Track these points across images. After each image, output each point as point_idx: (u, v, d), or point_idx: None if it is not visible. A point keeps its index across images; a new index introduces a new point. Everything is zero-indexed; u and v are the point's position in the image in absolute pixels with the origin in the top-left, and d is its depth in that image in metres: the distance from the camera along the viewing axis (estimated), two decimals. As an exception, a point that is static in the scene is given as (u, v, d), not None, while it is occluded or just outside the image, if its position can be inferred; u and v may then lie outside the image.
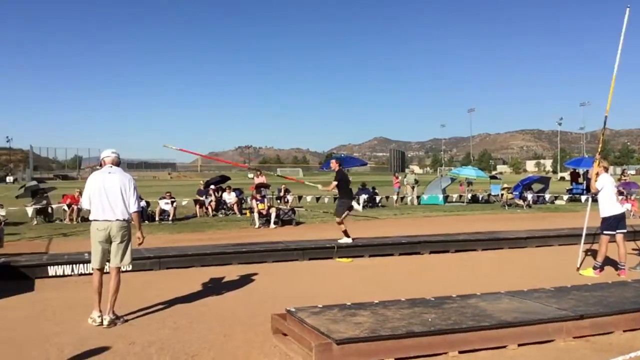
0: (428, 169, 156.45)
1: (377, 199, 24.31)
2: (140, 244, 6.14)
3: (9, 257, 8.92)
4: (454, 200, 27.14)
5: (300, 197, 24.05)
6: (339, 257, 9.83)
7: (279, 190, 23.38)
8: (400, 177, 28.19)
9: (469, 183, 29.02)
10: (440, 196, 25.72)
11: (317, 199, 24.50)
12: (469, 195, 27.26)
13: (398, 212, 21.14)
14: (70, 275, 8.15)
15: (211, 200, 20.08)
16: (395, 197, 25.83)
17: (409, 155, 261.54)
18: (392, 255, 10.24)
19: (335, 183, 10.62)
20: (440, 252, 10.59)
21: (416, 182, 26.58)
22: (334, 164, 11.08)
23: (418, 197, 26.24)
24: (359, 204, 16.63)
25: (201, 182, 23.79)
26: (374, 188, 25.33)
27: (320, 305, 5.34)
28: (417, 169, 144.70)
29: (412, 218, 19.34)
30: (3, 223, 15.53)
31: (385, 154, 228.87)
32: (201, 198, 20.20)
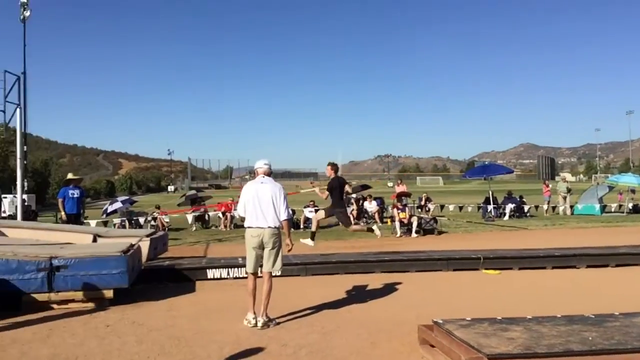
0: (581, 176, 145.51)
1: (525, 208, 23.10)
2: (289, 250, 6.41)
3: (173, 260, 9.79)
4: (612, 210, 24.99)
5: (442, 206, 23.61)
6: (486, 269, 9.48)
7: (420, 199, 23.15)
8: (550, 185, 26.56)
9: (632, 191, 26.50)
10: (597, 206, 23.77)
11: (460, 207, 23.90)
12: (630, 205, 24.93)
13: (549, 223, 19.90)
14: (226, 278, 8.72)
15: (352, 209, 20.38)
16: (545, 206, 24.37)
17: (559, 162, 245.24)
18: (544, 268, 9.66)
19: (327, 193, 10.25)
20: (598, 267, 9.79)
21: (569, 190, 24.85)
22: (329, 171, 10.52)
23: (571, 206, 24.50)
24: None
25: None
26: (521, 197, 24.12)
27: (469, 318, 5.19)
28: (569, 177, 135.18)
29: (565, 229, 18.10)
30: (167, 229, 17.08)
31: (532, 160, 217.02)
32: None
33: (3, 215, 21.48)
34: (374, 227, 10.22)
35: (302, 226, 18.38)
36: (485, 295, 7.72)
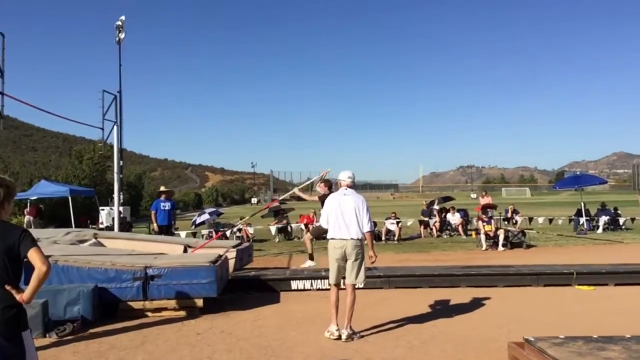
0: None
1: (621, 220, 21.77)
2: (372, 262, 6.39)
3: (258, 271, 10.02)
4: None
5: (530, 219, 22.72)
6: (579, 285, 9.02)
7: (507, 211, 22.39)
8: (648, 196, 24.90)
9: None
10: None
11: (550, 220, 22.90)
12: None
13: (647, 236, 18.65)
14: (310, 290, 8.81)
15: (436, 221, 20.06)
16: (643, 218, 22.85)
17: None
18: (643, 284, 9.06)
19: (307, 195, 9.82)
20: None
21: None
22: (322, 188, 10.09)
23: (673, 219, 22.83)
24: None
25: (424, 202, 23.93)
26: (615, 209, 22.76)
27: (562, 336, 4.96)
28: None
29: (667, 243, 16.89)
30: (251, 240, 17.51)
31: (627, 170, 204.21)
32: (425, 218, 20.31)
33: (101, 226, 22.89)
34: (307, 261, 10.09)
35: (383, 238, 18.27)
36: (578, 312, 7.34)
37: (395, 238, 18.28)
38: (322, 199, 10.19)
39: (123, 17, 14.69)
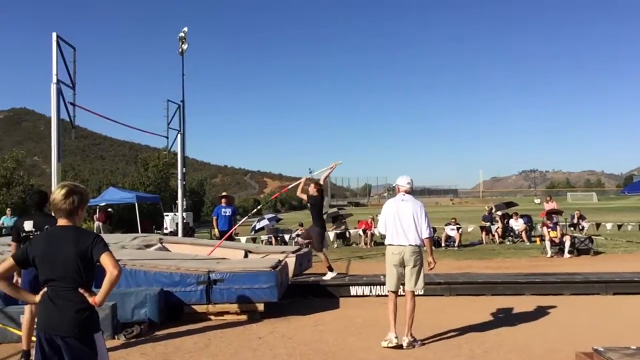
0: None
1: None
2: (430, 268, 6.31)
3: (318, 276, 10.07)
4: None
5: (598, 225, 21.84)
6: (652, 294, 8.59)
7: (572, 217, 21.61)
8: None
9: None
10: None
11: (619, 226, 21.94)
12: None
13: None
14: (369, 296, 8.79)
15: (498, 227, 19.58)
16: None
17: None
18: None
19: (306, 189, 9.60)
20: None
21: None
22: (312, 189, 9.90)
23: None
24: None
25: (485, 207, 23.42)
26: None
27: (634, 347, 4.76)
28: None
29: None
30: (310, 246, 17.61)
31: None
32: (487, 224, 19.87)
33: (165, 231, 23.60)
34: (329, 273, 9.55)
35: (443, 244, 17.99)
36: (652, 323, 7.00)
37: (456, 244, 17.97)
38: (312, 201, 10.21)
39: (186, 29, 15.17)
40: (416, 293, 6.21)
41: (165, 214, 25.96)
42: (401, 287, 6.17)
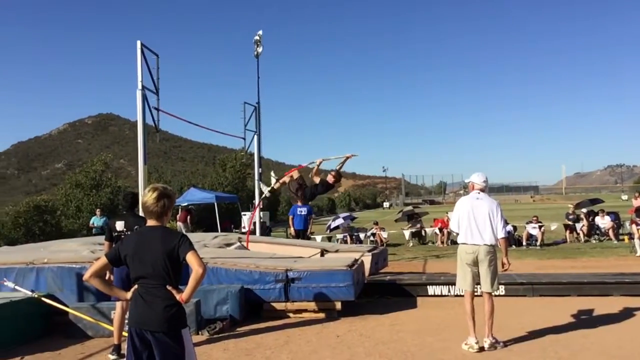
0: None
1: None
2: (504, 270, 6.12)
3: (394, 275, 10.02)
4: None
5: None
6: None
7: (666, 214, 20.28)
8: None
9: None
10: None
11: None
12: None
13: None
14: (447, 296, 8.64)
15: (583, 225, 18.70)
16: None
17: None
18: None
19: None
20: None
21: None
22: (330, 177, 10.05)
23: None
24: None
25: (569, 205, 22.43)
26: None
27: None
28: None
29: None
30: (385, 244, 17.54)
31: None
32: (571, 222, 19.03)
33: (243, 230, 24.19)
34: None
35: (524, 243, 17.40)
36: None
37: (538, 243, 17.33)
38: (321, 189, 10.26)
39: (260, 32, 15.46)
40: (494, 294, 6.04)
41: (243, 213, 26.62)
42: (477, 287, 6.02)
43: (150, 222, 3.45)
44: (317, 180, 10.33)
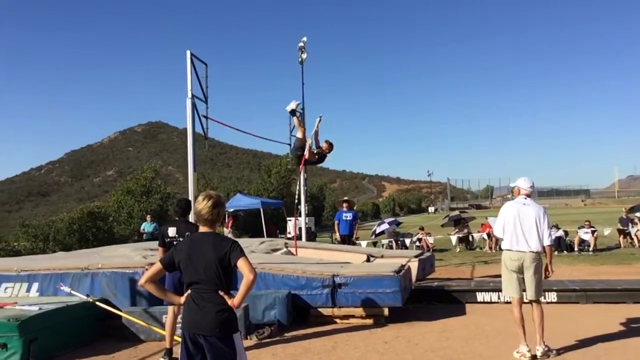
0: None
1: None
2: (547, 277, 5.97)
3: (441, 281, 9.90)
4: None
5: None
6: None
7: None
8: None
9: None
10: None
11: None
12: None
13: None
14: (496, 302, 8.47)
15: (638, 230, 18.04)
16: None
17: None
18: None
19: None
20: None
21: None
22: (325, 146, 9.74)
23: None
24: None
25: (623, 209, 21.67)
26: None
27: None
28: None
29: None
30: (431, 249, 17.36)
31: None
32: (625, 227, 18.38)
33: (288, 236, 24.35)
34: None
35: (576, 248, 16.91)
36: None
37: (590, 249, 16.82)
38: (313, 159, 10.11)
39: (305, 39, 15.57)
40: (543, 300, 5.87)
41: (288, 218, 26.79)
42: (524, 293, 5.89)
43: (203, 229, 3.54)
44: (309, 142, 10.38)
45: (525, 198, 5.99)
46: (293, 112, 10.99)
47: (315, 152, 10.19)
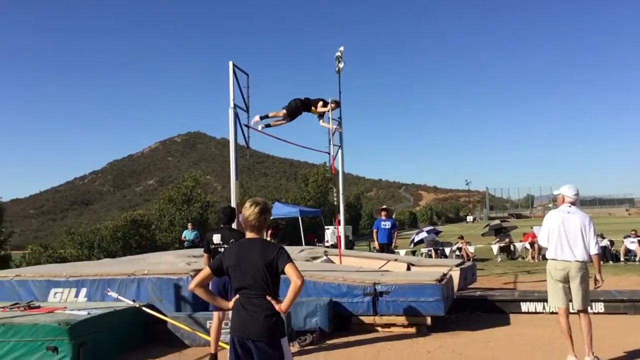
0: None
1: None
2: (597, 287, 5.82)
3: (484, 291, 9.76)
4: None
5: None
6: None
7: None
8: None
9: None
10: None
11: None
12: None
13: None
14: (541, 313, 8.30)
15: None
16: None
17: None
18: None
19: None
20: None
21: None
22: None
23: None
24: None
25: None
26: None
27: None
28: None
29: None
30: (472, 259, 17.11)
31: None
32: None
33: (326, 244, 24.39)
34: None
35: (622, 258, 16.43)
36: None
37: (637, 258, 16.31)
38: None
39: (342, 48, 15.59)
40: (590, 310, 5.74)
41: (326, 227, 26.84)
42: (571, 304, 5.76)
43: (250, 235, 3.60)
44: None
45: (570, 206, 5.87)
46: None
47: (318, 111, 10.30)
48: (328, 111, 10.21)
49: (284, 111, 10.24)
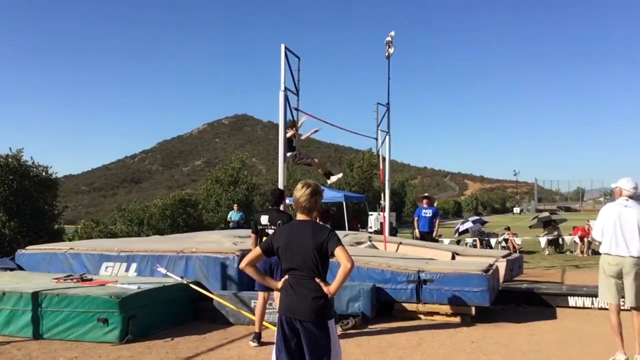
0: None
1: None
2: None
3: (530, 283, 9.59)
4: None
5: None
6: None
7: None
8: None
9: None
10: None
11: None
12: None
13: None
14: (590, 308, 8.12)
15: None
16: None
17: None
18: None
19: None
20: None
21: None
22: None
23: None
24: None
25: None
26: None
27: None
28: None
29: None
30: (518, 251, 16.80)
31: None
32: None
33: (370, 230, 24.39)
34: None
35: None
36: None
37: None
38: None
39: (392, 33, 15.42)
40: None
41: (369, 213, 26.81)
42: (622, 300, 5.60)
43: (301, 217, 3.63)
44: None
45: (627, 200, 5.67)
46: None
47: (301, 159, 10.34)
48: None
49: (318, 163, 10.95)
